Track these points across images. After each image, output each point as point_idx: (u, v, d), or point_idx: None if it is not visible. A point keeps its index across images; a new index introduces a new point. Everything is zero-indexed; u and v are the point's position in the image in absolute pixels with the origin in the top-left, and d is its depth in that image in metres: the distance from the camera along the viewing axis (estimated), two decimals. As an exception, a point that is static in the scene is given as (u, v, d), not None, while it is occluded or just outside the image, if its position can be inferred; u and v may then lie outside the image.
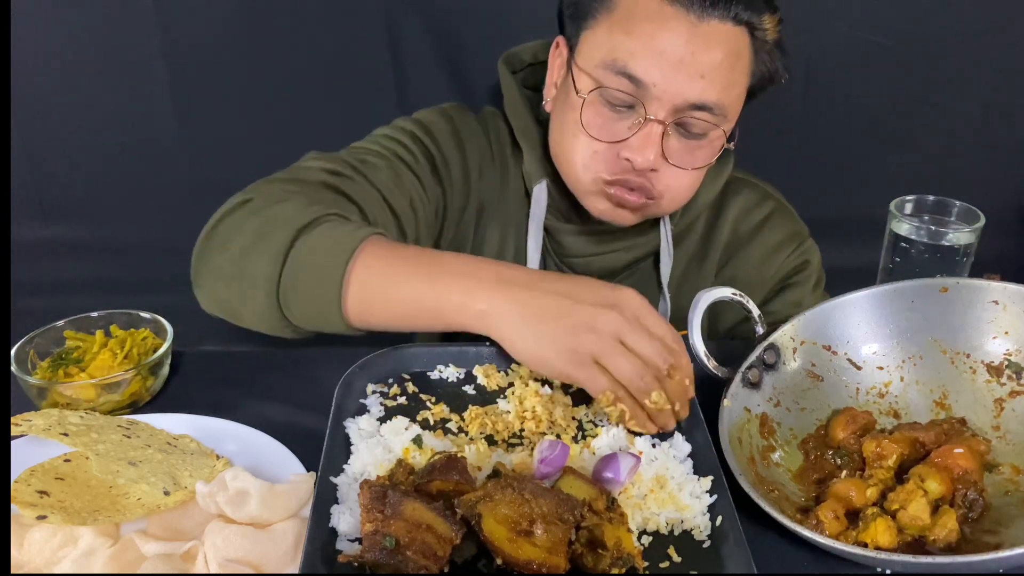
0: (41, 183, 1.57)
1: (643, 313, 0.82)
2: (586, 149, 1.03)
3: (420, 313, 0.86)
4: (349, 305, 0.86)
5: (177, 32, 1.47)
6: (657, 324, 0.82)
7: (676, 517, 0.74)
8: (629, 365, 0.79)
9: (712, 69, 0.97)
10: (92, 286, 1.62)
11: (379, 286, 0.86)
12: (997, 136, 1.62)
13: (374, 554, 0.65)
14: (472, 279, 0.84)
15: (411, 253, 0.90)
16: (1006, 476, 0.81)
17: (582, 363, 0.80)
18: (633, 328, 0.80)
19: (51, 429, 0.79)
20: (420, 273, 0.86)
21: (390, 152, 1.11)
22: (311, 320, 0.89)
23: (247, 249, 0.90)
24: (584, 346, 0.80)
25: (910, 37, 1.51)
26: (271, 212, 0.92)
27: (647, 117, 0.98)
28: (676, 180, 1.04)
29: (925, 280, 0.91)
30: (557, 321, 0.80)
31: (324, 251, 0.87)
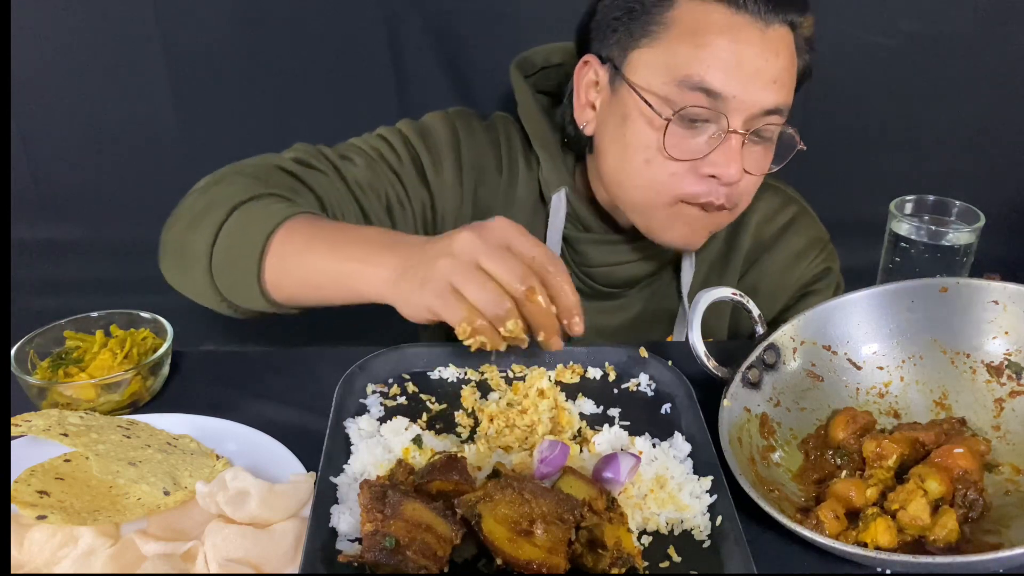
0: (41, 183, 1.56)
1: (510, 235, 0.78)
2: (661, 172, 0.99)
3: (327, 284, 0.87)
4: (266, 277, 0.89)
5: (177, 32, 1.47)
6: (527, 246, 0.78)
7: (676, 517, 0.74)
8: (482, 290, 0.75)
9: (782, 73, 0.97)
10: (92, 286, 1.62)
11: (292, 258, 0.88)
12: (997, 136, 1.61)
13: (374, 554, 0.65)
14: (370, 244, 0.84)
15: (331, 228, 0.91)
16: (1006, 476, 0.81)
17: (437, 292, 0.76)
18: (491, 250, 0.76)
19: (51, 429, 0.79)
20: (327, 245, 0.87)
21: (374, 151, 1.11)
22: (237, 293, 0.93)
23: (189, 226, 0.95)
24: (439, 272, 0.77)
25: (910, 37, 1.51)
26: (216, 191, 0.97)
27: (728, 130, 0.96)
28: (748, 187, 1.03)
29: (925, 280, 0.91)
30: (420, 264, 0.79)
31: (251, 224, 0.90)
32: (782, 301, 1.22)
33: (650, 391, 0.93)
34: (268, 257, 0.89)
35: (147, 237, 1.64)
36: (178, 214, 1.00)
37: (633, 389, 0.94)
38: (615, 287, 1.18)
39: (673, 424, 0.88)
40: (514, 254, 0.77)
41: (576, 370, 0.96)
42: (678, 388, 0.91)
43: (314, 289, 0.89)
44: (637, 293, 1.21)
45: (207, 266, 0.93)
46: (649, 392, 0.93)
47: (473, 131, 1.17)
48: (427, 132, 1.15)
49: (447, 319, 0.77)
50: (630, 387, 0.94)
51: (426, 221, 1.15)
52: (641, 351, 0.95)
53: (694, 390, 0.89)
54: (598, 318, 1.20)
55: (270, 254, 0.88)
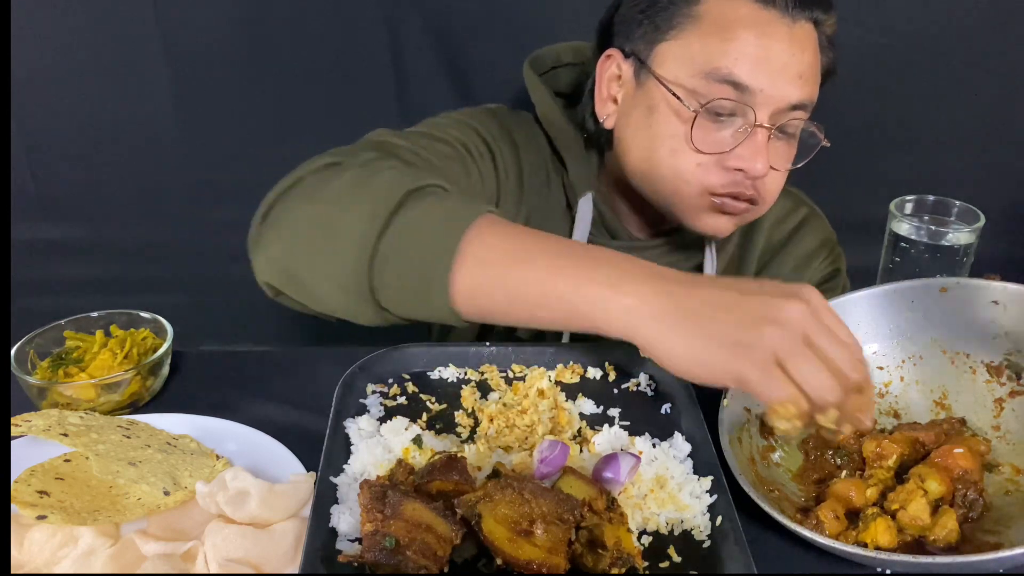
0: (41, 183, 1.57)
1: (826, 310, 0.68)
2: (688, 163, 0.99)
3: (548, 303, 0.73)
4: (458, 286, 0.74)
5: (177, 32, 1.47)
6: (842, 326, 0.69)
7: (676, 517, 0.74)
8: (817, 374, 0.65)
9: (807, 69, 0.98)
10: (92, 286, 1.63)
11: (499, 266, 0.74)
12: (997, 136, 1.61)
13: (374, 554, 0.64)
14: (617, 269, 0.72)
15: (538, 234, 0.78)
16: (1006, 476, 0.81)
17: (759, 364, 0.65)
18: (822, 329, 0.67)
19: (51, 429, 0.79)
20: (551, 257, 0.74)
21: (458, 142, 1.05)
22: (407, 299, 0.77)
23: (342, 203, 0.78)
24: (764, 341, 0.66)
25: (910, 37, 1.51)
26: (370, 169, 0.81)
27: (755, 124, 0.96)
28: (775, 183, 1.03)
29: (925, 280, 0.91)
30: (727, 313, 0.67)
31: (437, 219, 0.75)
32: None
33: (650, 391, 0.93)
34: (464, 261, 0.74)
35: (147, 237, 1.65)
36: (310, 188, 0.82)
37: (633, 389, 0.94)
38: None
39: (673, 424, 0.87)
40: (836, 335, 0.68)
41: (576, 370, 0.96)
42: (678, 388, 0.91)
43: (529, 309, 0.75)
44: None
45: (366, 257, 0.75)
46: (649, 392, 0.93)
47: (522, 130, 1.15)
48: (490, 128, 1.10)
49: (762, 394, 0.67)
50: (630, 387, 0.94)
51: None
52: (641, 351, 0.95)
53: (694, 390, 0.89)
54: None
55: (466, 258, 0.73)
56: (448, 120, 1.09)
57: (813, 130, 1.01)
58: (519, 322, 0.78)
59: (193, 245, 1.66)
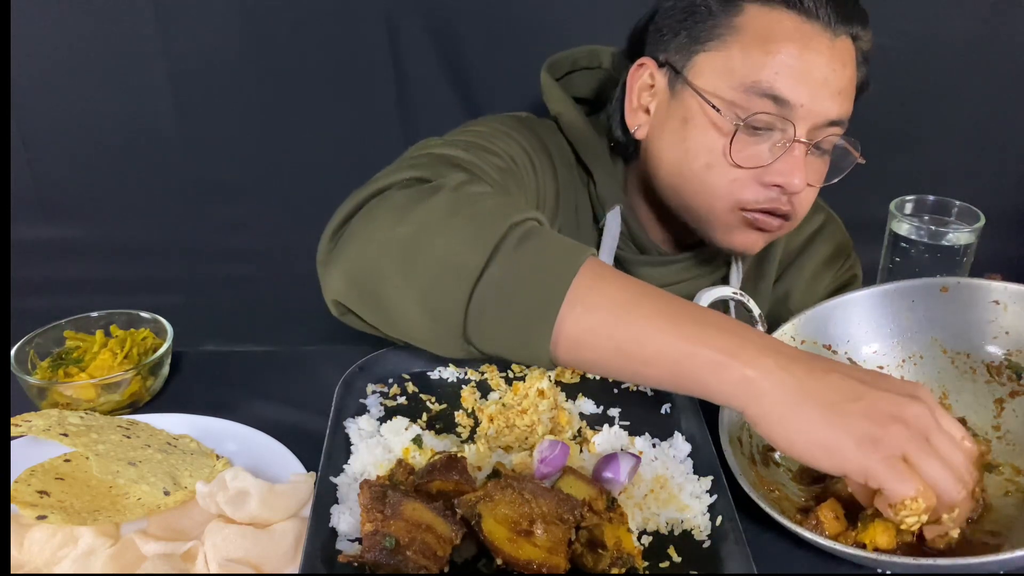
0: (41, 183, 1.56)
1: (940, 413, 0.69)
2: (723, 178, 0.97)
3: (657, 361, 0.70)
4: (563, 334, 0.70)
5: (177, 32, 1.47)
6: (957, 428, 0.70)
7: (676, 517, 0.74)
8: (943, 472, 0.66)
9: (847, 85, 0.96)
10: (92, 286, 1.62)
11: (609, 318, 0.70)
12: (997, 136, 1.61)
13: (374, 554, 0.65)
14: (737, 337, 0.69)
15: (646, 286, 0.74)
16: (1006, 476, 0.81)
17: (888, 460, 0.65)
18: (941, 432, 0.67)
19: (51, 429, 0.79)
20: (668, 314, 0.71)
21: (507, 156, 1.00)
22: (503, 339, 0.72)
23: (439, 228, 0.72)
24: (892, 438, 0.66)
25: (911, 37, 1.51)
26: (467, 194, 0.76)
27: (794, 139, 0.94)
28: (808, 199, 1.00)
29: (925, 280, 0.91)
30: (853, 404, 0.66)
31: (545, 259, 0.71)
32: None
33: (650, 391, 0.93)
34: (572, 309, 0.70)
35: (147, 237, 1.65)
36: (400, 205, 0.75)
37: (633, 389, 0.94)
38: None
39: (673, 424, 0.88)
40: (952, 438, 0.68)
41: (576, 370, 0.96)
42: (678, 388, 0.91)
43: (634, 364, 0.71)
44: None
45: (470, 289, 0.70)
46: (649, 392, 0.93)
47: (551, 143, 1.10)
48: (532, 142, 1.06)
49: (893, 489, 0.66)
50: (630, 387, 0.94)
51: None
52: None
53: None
54: None
55: (576, 306, 0.70)
56: (490, 129, 1.02)
57: (846, 146, 0.99)
58: (620, 376, 0.76)
59: (193, 245, 1.66)
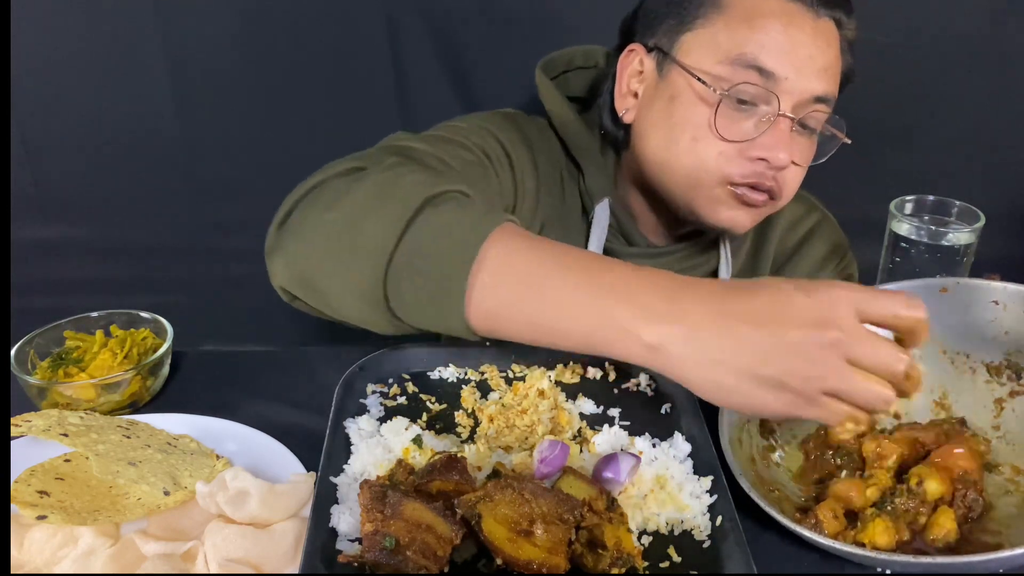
0: (41, 183, 1.57)
1: (863, 306, 0.66)
2: (710, 151, 0.98)
3: (569, 334, 0.71)
4: (474, 303, 0.72)
5: (177, 32, 1.47)
6: (883, 306, 0.67)
7: (676, 517, 0.74)
8: (866, 393, 0.66)
9: (831, 64, 0.98)
10: (92, 286, 1.62)
11: (518, 288, 0.71)
12: (997, 136, 1.61)
13: (374, 554, 0.65)
14: (639, 306, 0.69)
15: (561, 250, 0.74)
16: (1006, 476, 0.81)
17: (810, 402, 0.66)
18: (858, 340, 0.65)
19: (51, 429, 0.79)
20: (576, 284, 0.71)
21: (478, 148, 1.03)
22: (422, 312, 0.75)
23: (361, 210, 0.76)
24: (809, 384, 0.66)
25: (910, 37, 1.51)
26: (392, 175, 0.79)
27: (779, 113, 0.96)
28: (795, 178, 1.02)
29: (925, 280, 0.91)
30: (764, 368, 0.66)
31: (454, 228, 0.73)
32: None
33: (650, 391, 0.93)
34: (481, 277, 0.71)
35: (147, 237, 1.65)
36: (331, 194, 0.80)
37: (633, 389, 0.94)
38: None
39: (673, 424, 0.87)
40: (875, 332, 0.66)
41: (576, 370, 0.96)
42: (678, 388, 0.91)
43: (549, 334, 0.73)
44: None
45: (382, 267, 0.73)
46: (649, 392, 0.93)
47: (538, 137, 1.13)
48: (509, 134, 1.09)
49: (820, 420, 0.68)
50: (630, 387, 0.94)
51: None
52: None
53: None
54: None
55: (483, 274, 0.71)
56: (468, 124, 1.06)
57: (834, 130, 1.02)
58: (540, 345, 0.75)
59: (193, 245, 1.66)
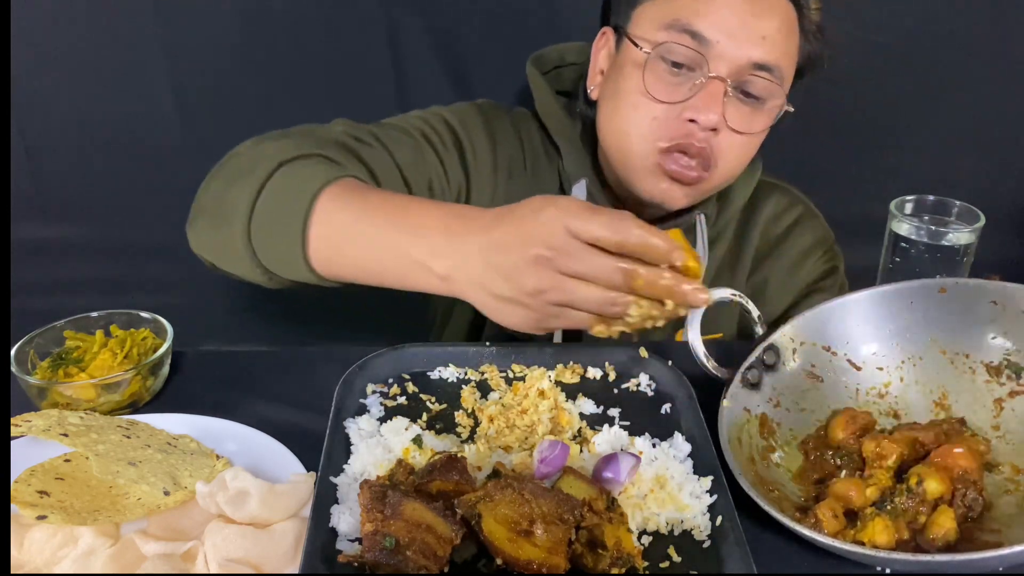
0: (41, 183, 1.56)
1: (570, 224, 0.70)
2: (645, 116, 1.01)
3: (388, 277, 0.80)
4: (312, 252, 0.82)
5: (177, 32, 1.47)
6: (600, 226, 0.70)
7: (676, 517, 0.74)
8: (587, 302, 0.71)
9: (773, 32, 1.00)
10: (92, 286, 1.62)
11: (342, 232, 0.81)
12: (997, 136, 1.61)
13: (374, 554, 0.65)
14: (430, 236, 0.76)
15: (379, 199, 0.83)
16: (1006, 476, 0.81)
17: (549, 315, 0.73)
18: (566, 254, 0.70)
19: (51, 430, 0.79)
20: (382, 222, 0.79)
21: (418, 131, 1.10)
22: (276, 260, 0.86)
23: (228, 181, 0.89)
24: (537, 300, 0.72)
25: (910, 37, 1.51)
26: (263, 147, 0.91)
27: (709, 75, 0.98)
28: (732, 148, 1.03)
29: (924, 280, 0.91)
30: (504, 287, 0.73)
31: (296, 183, 0.83)
32: (788, 299, 1.24)
33: (650, 391, 0.93)
34: (314, 222, 0.81)
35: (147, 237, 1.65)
36: (216, 172, 0.94)
37: (633, 389, 0.94)
38: None
39: (673, 424, 0.88)
40: (590, 244, 0.70)
41: (576, 370, 0.96)
42: (678, 388, 0.91)
43: (373, 276, 0.82)
44: None
45: (246, 226, 0.85)
46: (649, 392, 0.93)
47: (503, 123, 1.19)
48: (465, 120, 1.15)
49: (568, 328, 0.74)
50: (630, 387, 0.94)
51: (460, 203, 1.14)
52: (641, 351, 0.95)
53: (694, 390, 0.89)
54: None
55: (316, 219, 0.81)
56: (425, 112, 1.14)
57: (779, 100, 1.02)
58: (373, 283, 0.83)
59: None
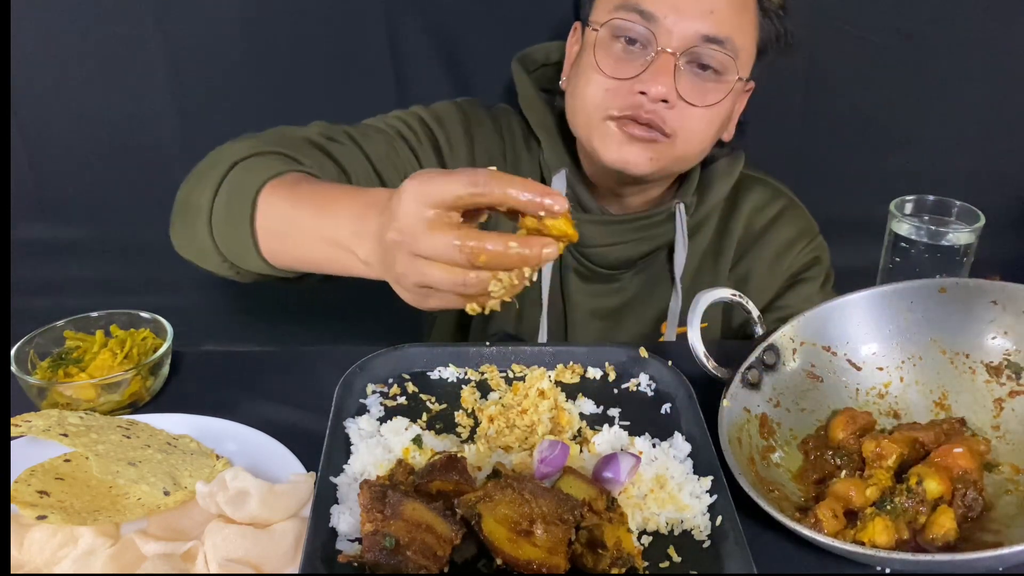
0: (41, 183, 1.56)
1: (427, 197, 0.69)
2: (598, 89, 1.05)
3: (323, 265, 0.84)
4: (260, 244, 0.87)
5: (177, 32, 1.46)
6: (442, 190, 0.69)
7: (676, 517, 0.74)
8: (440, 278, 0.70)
9: (721, 6, 1.02)
10: (92, 286, 1.62)
11: (281, 225, 0.86)
12: (997, 136, 1.61)
13: (374, 554, 0.65)
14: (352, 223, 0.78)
15: (310, 190, 0.86)
16: (1006, 476, 0.81)
17: (421, 296, 0.74)
18: (412, 236, 0.70)
19: (51, 430, 0.79)
20: (312, 212, 0.82)
21: (392, 129, 1.14)
22: (239, 257, 0.91)
23: (194, 183, 0.96)
24: (404, 282, 0.73)
25: (910, 36, 1.51)
26: (226, 149, 0.97)
27: (658, 49, 1.01)
28: (689, 120, 1.05)
29: (924, 280, 0.91)
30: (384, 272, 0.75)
31: (244, 181, 0.88)
32: (772, 290, 1.25)
33: (650, 391, 0.93)
34: (258, 216, 0.86)
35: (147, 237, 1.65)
36: (188, 176, 1.00)
37: (633, 389, 0.94)
38: (611, 268, 1.22)
39: (673, 424, 0.88)
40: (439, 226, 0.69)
41: (576, 370, 0.96)
42: (678, 388, 0.91)
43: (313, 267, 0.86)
44: (633, 276, 1.24)
45: (207, 223, 0.91)
46: (649, 392, 0.93)
47: (482, 119, 1.22)
48: (442, 117, 1.19)
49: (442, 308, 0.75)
50: (630, 387, 0.94)
51: None
52: (641, 351, 0.95)
53: (694, 390, 0.89)
54: (595, 299, 1.24)
55: (259, 213, 0.86)
56: (403, 112, 1.19)
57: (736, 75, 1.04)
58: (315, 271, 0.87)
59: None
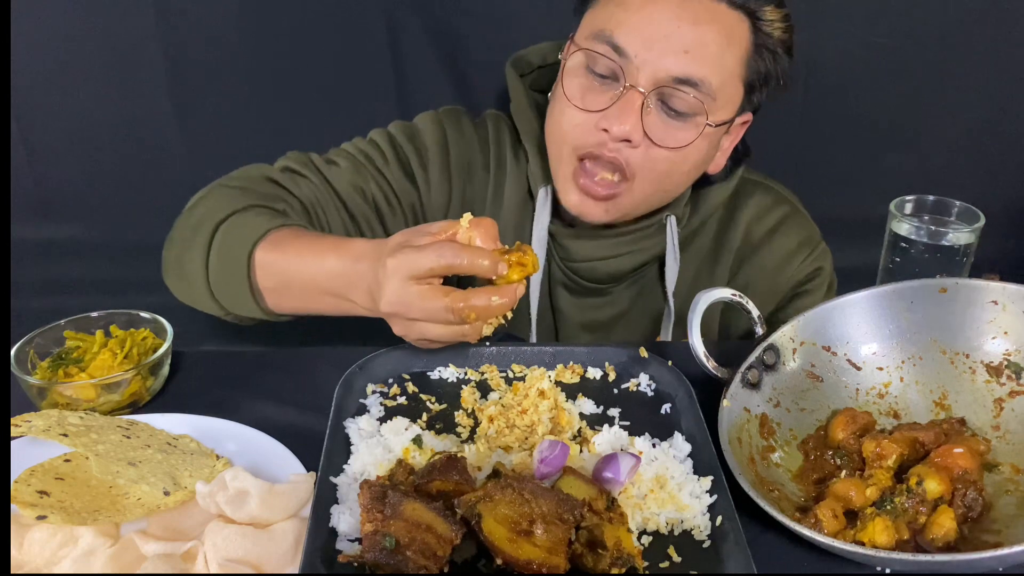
0: (41, 183, 1.56)
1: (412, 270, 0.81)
2: (569, 122, 1.02)
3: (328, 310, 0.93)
4: (264, 298, 0.95)
5: (177, 32, 1.47)
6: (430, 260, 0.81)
7: (676, 517, 0.74)
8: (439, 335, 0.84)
9: (699, 45, 0.97)
10: (92, 286, 1.62)
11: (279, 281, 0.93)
12: (997, 136, 1.61)
13: (374, 554, 0.65)
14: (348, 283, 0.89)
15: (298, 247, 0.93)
16: (1006, 476, 0.81)
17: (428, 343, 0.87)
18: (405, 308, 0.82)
19: (51, 430, 0.79)
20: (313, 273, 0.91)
21: (360, 153, 1.15)
22: (240, 309, 0.97)
23: (182, 246, 1.00)
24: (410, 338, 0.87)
25: (910, 37, 1.51)
26: (202, 208, 1.02)
27: (627, 85, 0.97)
28: (653, 161, 1.01)
29: (924, 280, 0.91)
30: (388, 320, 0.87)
31: (234, 243, 0.95)
32: (774, 301, 1.21)
33: (650, 391, 0.93)
34: (255, 278, 0.93)
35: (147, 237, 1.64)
36: (173, 235, 1.05)
37: (633, 389, 0.94)
38: (600, 283, 1.19)
39: (673, 424, 0.88)
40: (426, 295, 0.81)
41: (576, 370, 0.96)
42: (678, 388, 0.91)
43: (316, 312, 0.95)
44: (624, 290, 1.21)
45: (206, 285, 0.97)
46: (649, 392, 0.93)
47: (462, 129, 1.19)
48: (415, 132, 1.18)
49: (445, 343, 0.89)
50: (630, 387, 0.94)
51: (416, 218, 1.17)
52: (641, 351, 0.95)
53: (694, 390, 0.89)
54: (586, 312, 1.22)
55: (256, 275, 0.93)
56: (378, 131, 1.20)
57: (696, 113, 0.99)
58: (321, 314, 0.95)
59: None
